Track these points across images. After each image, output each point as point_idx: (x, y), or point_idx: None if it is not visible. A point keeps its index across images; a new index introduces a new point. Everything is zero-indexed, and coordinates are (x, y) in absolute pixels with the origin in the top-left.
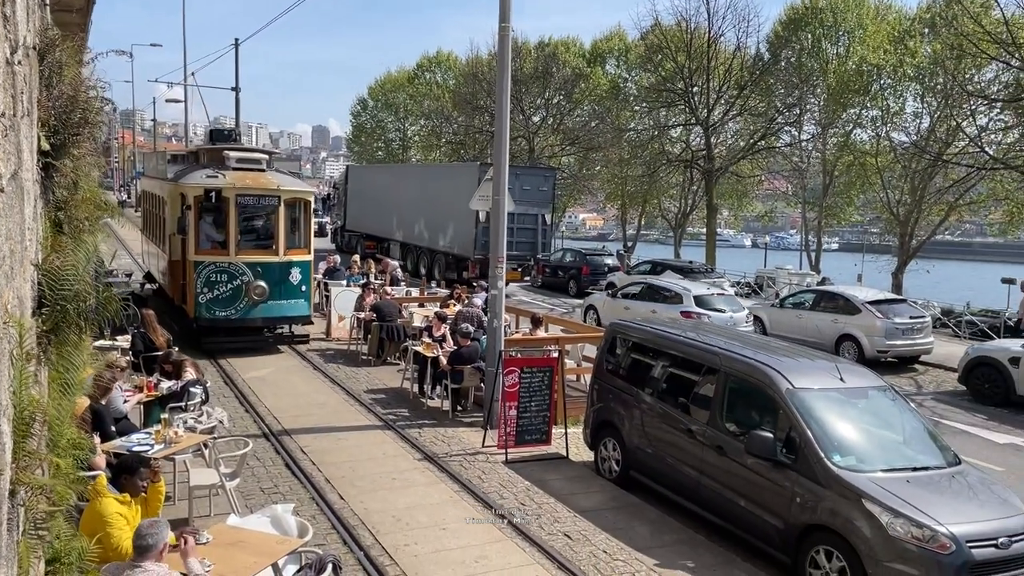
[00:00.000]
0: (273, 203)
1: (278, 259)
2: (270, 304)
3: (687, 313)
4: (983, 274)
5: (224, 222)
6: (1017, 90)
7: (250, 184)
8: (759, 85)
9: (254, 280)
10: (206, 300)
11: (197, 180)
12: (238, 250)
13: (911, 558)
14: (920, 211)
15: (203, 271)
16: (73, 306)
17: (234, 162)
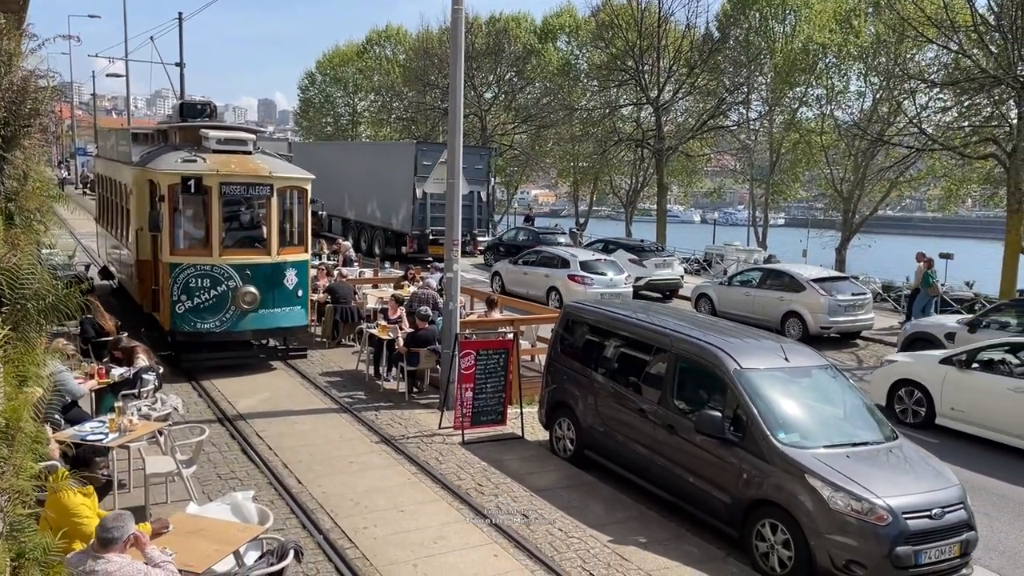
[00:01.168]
0: (264, 192)
1: (270, 259)
2: (262, 313)
3: (573, 276)
4: (923, 248)
5: (205, 216)
6: (955, 72)
7: (236, 170)
8: (708, 64)
9: (242, 285)
10: (184, 310)
11: (171, 165)
12: (222, 250)
13: (850, 530)
14: (863, 188)
15: (180, 275)
16: (33, 304)
17: (215, 143)
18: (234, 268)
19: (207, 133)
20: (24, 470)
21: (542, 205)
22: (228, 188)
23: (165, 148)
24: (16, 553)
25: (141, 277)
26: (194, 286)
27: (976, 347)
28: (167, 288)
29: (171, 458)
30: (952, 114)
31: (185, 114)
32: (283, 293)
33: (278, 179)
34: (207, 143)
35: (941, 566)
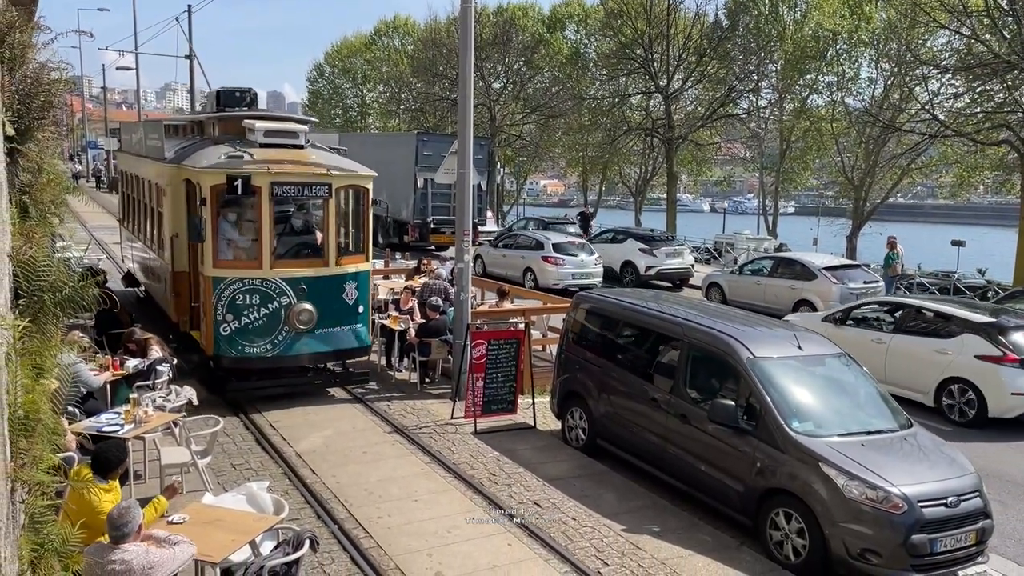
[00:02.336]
0: (322, 193)
1: (329, 271)
2: (319, 334)
3: (547, 258)
4: (934, 236)
5: (255, 222)
6: (968, 57)
7: (290, 167)
8: (718, 52)
9: (297, 302)
10: (231, 331)
11: (214, 162)
12: (274, 261)
13: (865, 518)
14: (874, 175)
15: (226, 291)
16: (50, 296)
17: (261, 135)
18: (287, 282)
19: (253, 124)
20: (43, 462)
21: (551, 195)
22: (281, 188)
23: (203, 142)
24: (37, 544)
25: (177, 291)
26: (242, 304)
27: (850, 306)
28: (210, 306)
29: (186, 449)
30: (965, 100)
31: (223, 103)
32: (343, 310)
33: (337, 177)
34: (252, 136)
35: (957, 554)
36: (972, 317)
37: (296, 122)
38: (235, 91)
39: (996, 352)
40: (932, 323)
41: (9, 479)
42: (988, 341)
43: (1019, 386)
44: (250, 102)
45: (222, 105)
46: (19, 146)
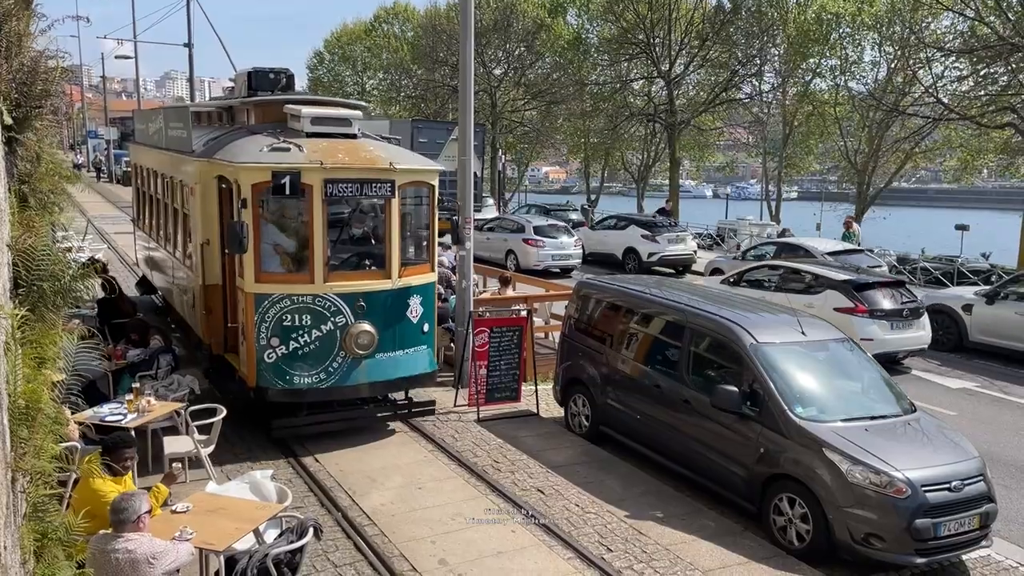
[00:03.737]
0: (385, 192)
1: (391, 285)
2: (379, 359)
3: (527, 240)
4: (937, 220)
5: (304, 227)
6: (972, 40)
7: (346, 161)
8: (720, 36)
9: (354, 322)
10: (277, 358)
11: (256, 156)
12: (328, 273)
13: (869, 503)
14: (877, 160)
15: (271, 310)
16: (49, 285)
17: (309, 123)
18: (343, 299)
19: (298, 110)
20: (45, 451)
21: (553, 182)
22: (336, 187)
23: (237, 132)
24: (40, 533)
25: (208, 307)
26: (290, 325)
27: (744, 269)
28: (252, 328)
29: (189, 438)
30: (969, 83)
31: (255, 86)
32: (407, 329)
33: (401, 172)
34: (296, 124)
35: (960, 538)
36: (833, 276)
37: (348, 107)
38: (269, 72)
39: (850, 304)
40: (804, 282)
41: (9, 469)
42: (845, 296)
43: (867, 333)
44: (286, 85)
45: (254, 89)
46: (17, 135)
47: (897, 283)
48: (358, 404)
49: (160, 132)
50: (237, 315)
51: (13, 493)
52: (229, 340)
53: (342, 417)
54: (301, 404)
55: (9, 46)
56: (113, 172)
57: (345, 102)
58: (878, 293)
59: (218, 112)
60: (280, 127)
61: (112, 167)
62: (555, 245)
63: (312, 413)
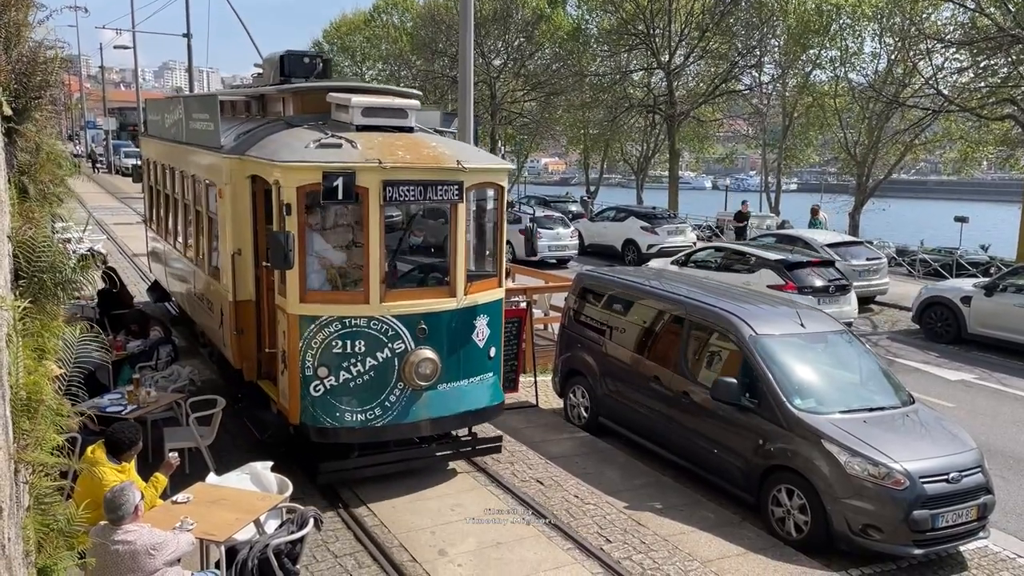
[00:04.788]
0: (452, 195)
1: (456, 304)
2: (442, 391)
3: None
4: (937, 212)
5: (358, 237)
6: (972, 31)
7: (408, 160)
8: (720, 27)
9: (414, 348)
10: (324, 391)
11: (301, 154)
12: (386, 291)
13: (867, 494)
14: (877, 151)
15: (318, 335)
16: (50, 277)
17: (359, 115)
18: (403, 321)
19: (347, 99)
20: (47, 443)
21: (552, 173)
22: (396, 190)
23: (273, 124)
24: (43, 525)
25: (240, 327)
26: (341, 352)
27: (690, 251)
28: (295, 355)
29: (189, 429)
30: (969, 75)
31: (288, 72)
32: (472, 355)
33: (470, 172)
34: (344, 115)
35: (958, 529)
36: (768, 256)
37: (402, 95)
38: (303, 56)
39: (781, 282)
40: (743, 262)
41: (12, 460)
42: (777, 274)
43: None
44: (322, 70)
45: (286, 75)
46: (17, 126)
47: (827, 263)
48: (415, 442)
49: (179, 124)
50: (275, 338)
51: (16, 485)
52: (263, 365)
53: (399, 458)
54: (352, 444)
55: (8, 37)
56: (112, 163)
57: (397, 90)
58: (808, 272)
59: (246, 102)
60: (322, 119)
61: (111, 157)
62: (552, 236)
63: (364, 453)
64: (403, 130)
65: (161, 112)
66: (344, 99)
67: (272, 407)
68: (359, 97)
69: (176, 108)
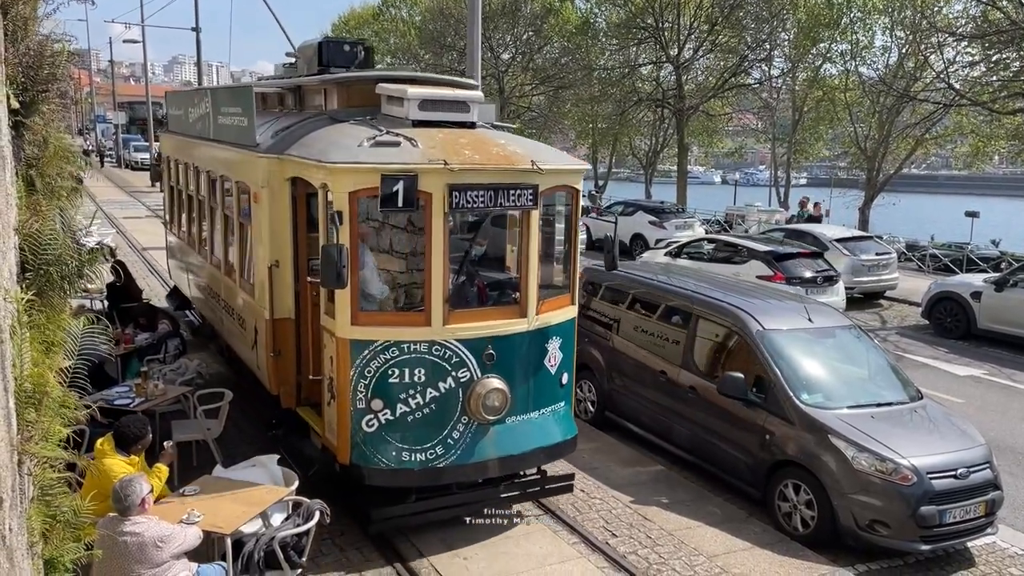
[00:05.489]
0: (525, 201)
1: (527, 326)
2: (511, 425)
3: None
4: (948, 207)
5: (418, 248)
6: (984, 25)
7: (477, 160)
8: (729, 20)
9: (481, 376)
10: (379, 426)
11: (354, 154)
12: (450, 312)
13: (874, 490)
14: (887, 146)
15: (373, 362)
16: (56, 270)
17: (416, 108)
18: (468, 346)
19: (402, 91)
20: (54, 435)
21: None
22: (465, 196)
23: (316, 119)
24: (48, 516)
25: (277, 348)
26: (397, 382)
27: (683, 243)
28: (346, 385)
29: (196, 422)
30: (980, 68)
31: (327, 61)
32: (544, 383)
33: (547, 175)
34: (396, 108)
35: (966, 526)
36: (758, 247)
37: (463, 87)
38: (343, 43)
39: (770, 273)
40: (734, 253)
41: (15, 451)
42: (766, 265)
43: None
44: (363, 60)
45: (325, 64)
46: (24, 119)
47: (815, 255)
48: (476, 481)
49: (206, 119)
50: (320, 363)
51: (20, 476)
52: (303, 392)
53: (461, 501)
54: (409, 487)
55: (15, 30)
56: (122, 157)
57: (454, 80)
58: (796, 263)
59: (279, 94)
60: (370, 113)
61: (120, 151)
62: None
63: (422, 497)
64: (463, 125)
65: (184, 106)
66: (398, 91)
67: (314, 438)
68: (416, 88)
69: (202, 101)
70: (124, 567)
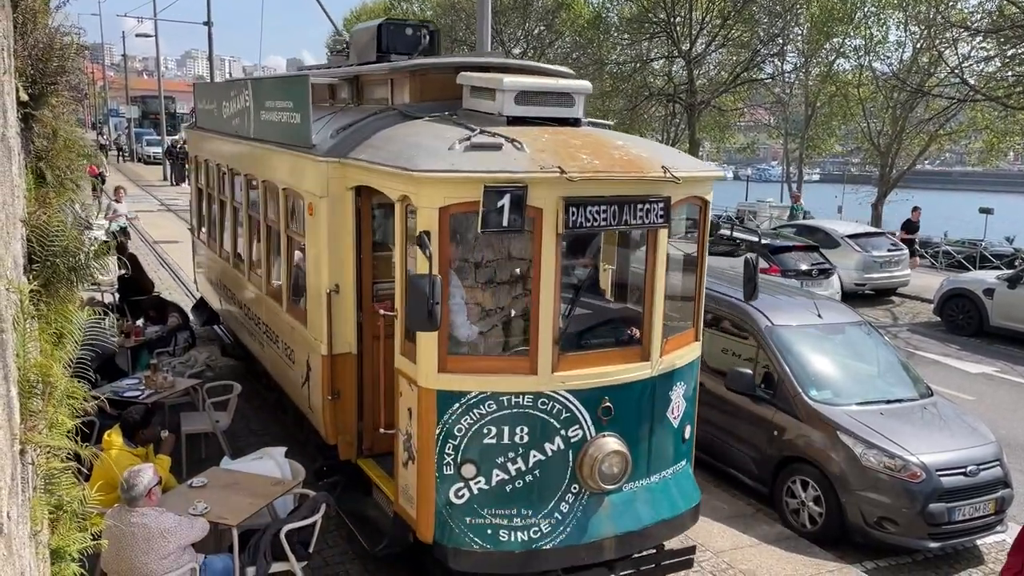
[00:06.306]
0: (655, 217)
1: (650, 371)
2: (628, 495)
3: None
4: (961, 204)
5: (521, 278)
6: (999, 19)
7: (598, 167)
8: (742, 15)
9: (595, 435)
10: (471, 498)
11: (446, 159)
12: (560, 356)
13: (883, 487)
14: (901, 141)
15: (465, 418)
16: (63, 261)
17: (512, 102)
18: (581, 399)
19: (498, 80)
20: (59, 426)
21: None
22: (584, 212)
23: (384, 116)
24: (53, 506)
25: (335, 389)
26: (494, 443)
27: None
28: (430, 446)
29: (205, 414)
30: (995, 64)
31: (388, 47)
32: (667, 441)
33: (682, 184)
34: (483, 102)
35: (975, 523)
36: (753, 239)
37: (563, 75)
38: (405, 26)
39: (765, 265)
40: (728, 245)
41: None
42: (762, 257)
43: None
44: (427, 46)
45: (385, 51)
46: (33, 111)
47: (811, 248)
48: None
49: (245, 115)
50: (392, 411)
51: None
52: (365, 441)
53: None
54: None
55: (25, 22)
56: (135, 151)
57: (545, 67)
58: (791, 256)
59: (329, 86)
60: (448, 107)
61: (133, 146)
62: None
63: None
64: (566, 122)
65: (217, 99)
66: (491, 80)
67: (378, 496)
68: (513, 77)
69: (240, 95)
70: (131, 558)
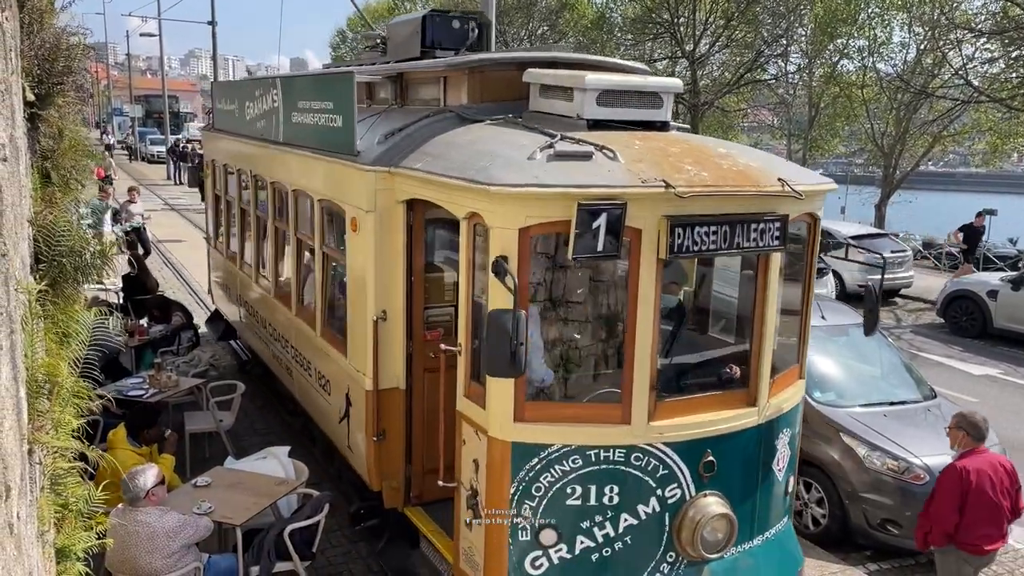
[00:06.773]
0: (770, 238)
1: (756, 419)
2: (731, 561)
3: None
4: (965, 205)
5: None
6: (1003, 21)
7: (707, 180)
8: (745, 16)
9: (695, 495)
10: (549, 567)
11: (526, 171)
12: (656, 404)
13: (886, 489)
14: (904, 143)
15: (544, 475)
16: (69, 261)
17: (593, 103)
18: (680, 452)
19: (579, 78)
20: (65, 425)
21: None
22: (690, 234)
23: (440, 119)
24: (60, 505)
25: (381, 428)
26: (579, 505)
27: None
28: (502, 507)
29: (209, 413)
30: (999, 65)
31: (434, 41)
32: (770, 497)
33: (803, 199)
34: (557, 103)
35: None
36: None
37: (647, 73)
38: (451, 18)
39: None
40: None
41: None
42: None
43: None
44: (476, 41)
45: (430, 45)
46: (40, 111)
47: None
48: None
49: (272, 117)
50: (457, 466)
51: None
52: (414, 487)
53: None
54: None
55: (31, 23)
56: (138, 150)
57: (620, 63)
58: None
59: (367, 84)
60: (510, 109)
61: (137, 145)
62: None
63: None
64: (652, 126)
65: (240, 99)
66: (569, 78)
67: (427, 551)
68: (596, 75)
69: (267, 94)
70: (135, 557)
